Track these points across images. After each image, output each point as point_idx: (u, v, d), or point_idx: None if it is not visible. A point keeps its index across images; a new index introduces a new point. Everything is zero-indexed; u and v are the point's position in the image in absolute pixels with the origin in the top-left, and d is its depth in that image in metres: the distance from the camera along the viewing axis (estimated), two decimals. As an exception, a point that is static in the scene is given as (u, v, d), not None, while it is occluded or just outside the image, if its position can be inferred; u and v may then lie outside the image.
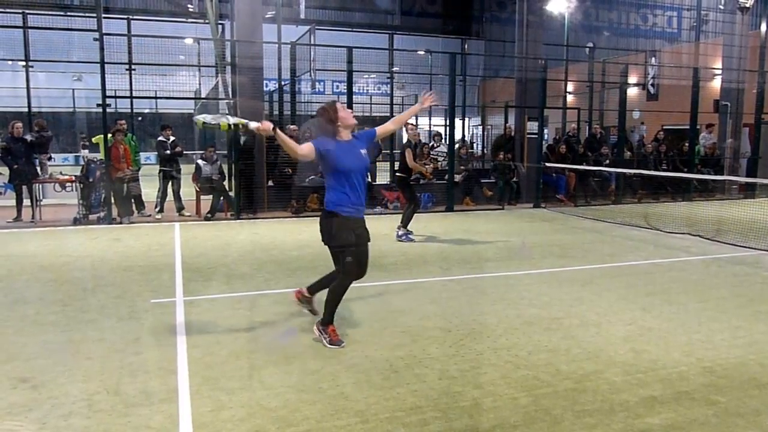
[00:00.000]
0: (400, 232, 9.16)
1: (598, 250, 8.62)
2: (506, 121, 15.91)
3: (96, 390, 3.70)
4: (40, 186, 11.20)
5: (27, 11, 14.77)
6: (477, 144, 26.01)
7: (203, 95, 18.19)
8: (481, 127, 26.56)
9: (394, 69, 19.95)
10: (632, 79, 18.38)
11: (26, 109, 15.16)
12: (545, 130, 15.90)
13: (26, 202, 10.68)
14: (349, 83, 12.36)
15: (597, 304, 5.69)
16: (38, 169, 11.48)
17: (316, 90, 19.48)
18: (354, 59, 12.28)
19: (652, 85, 19.20)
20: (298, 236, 9.40)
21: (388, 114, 17.51)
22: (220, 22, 14.72)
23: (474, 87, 29.81)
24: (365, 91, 25.70)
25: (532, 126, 14.11)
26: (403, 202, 12.62)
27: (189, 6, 26.45)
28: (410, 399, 3.61)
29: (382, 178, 14.07)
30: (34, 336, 4.73)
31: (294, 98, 14.73)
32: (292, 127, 12.50)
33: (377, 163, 13.86)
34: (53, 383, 3.80)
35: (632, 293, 6.06)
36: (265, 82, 12.98)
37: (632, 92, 19.15)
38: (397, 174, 9.81)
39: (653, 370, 4.07)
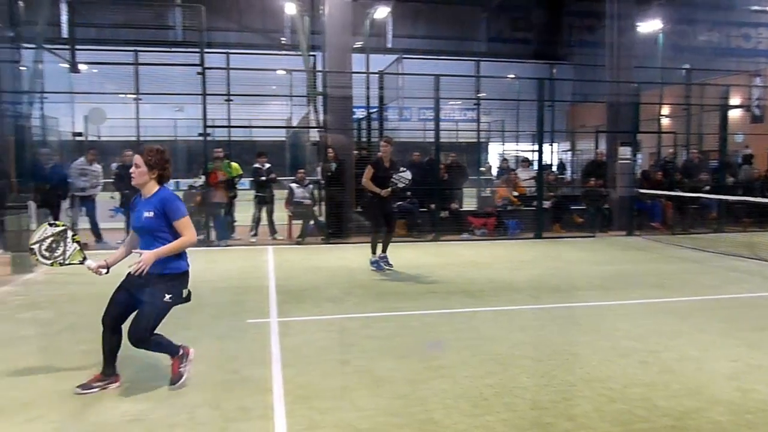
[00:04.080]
0: (372, 259, 8.64)
1: (698, 280, 8.19)
2: (596, 146, 15.50)
3: (198, 404, 3.91)
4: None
5: (138, 49, 16.00)
6: (566, 170, 25.42)
7: (294, 124, 18.91)
8: (570, 152, 25.97)
9: (481, 95, 19.95)
10: (734, 100, 17.46)
11: (135, 139, 16.33)
12: (638, 156, 15.34)
13: (134, 224, 11.42)
14: (437, 111, 12.49)
15: (697, 338, 5.41)
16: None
17: (403, 117, 19.80)
18: (440, 86, 12.42)
19: (758, 106, 18.14)
20: (385, 261, 9.53)
21: (475, 140, 17.50)
22: (311, 53, 15.32)
23: (562, 112, 29.27)
24: (451, 118, 25.80)
25: (625, 151, 13.67)
26: (490, 228, 12.60)
27: (282, 39, 27.75)
28: (500, 428, 3.58)
29: (468, 204, 14.03)
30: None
31: (381, 126, 15.04)
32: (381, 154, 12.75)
33: (463, 189, 13.85)
34: (158, 395, 4.05)
35: (737, 328, 5.72)
36: (353, 110, 13.36)
37: (734, 114, 18.17)
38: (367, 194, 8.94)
39: (763, 410, 3.83)
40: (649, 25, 18.51)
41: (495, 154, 24.14)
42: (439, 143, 12.62)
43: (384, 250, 8.70)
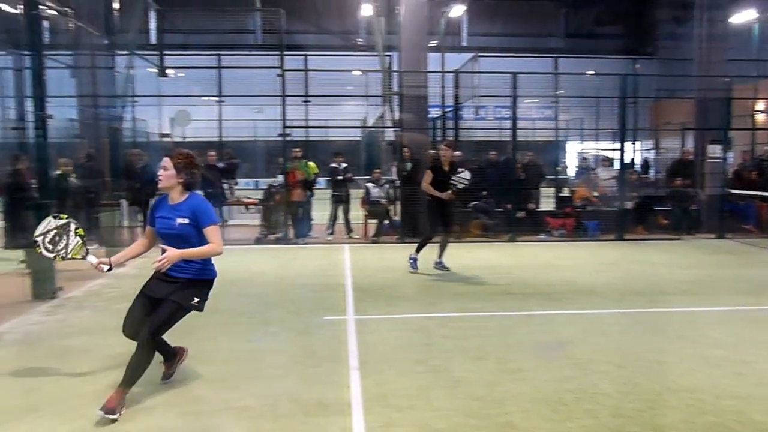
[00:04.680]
0: (413, 256, 8.56)
1: (798, 287, 7.67)
2: (683, 144, 14.78)
3: (279, 397, 4.02)
4: (228, 208, 12.43)
5: (221, 53, 16.66)
6: (650, 169, 24.38)
7: (370, 123, 19.10)
8: (654, 150, 24.89)
9: (559, 92, 19.48)
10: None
11: (217, 139, 16.98)
12: (729, 154, 14.50)
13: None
14: (514, 109, 12.29)
15: (798, 348, 5.07)
16: (227, 193, 12.76)
17: (479, 116, 19.59)
18: (517, 84, 12.20)
19: None
20: (461, 261, 9.45)
21: (553, 138, 17.09)
22: (387, 53, 15.42)
23: (645, 108, 28.08)
24: (528, 116, 25.30)
25: (714, 149, 12.96)
26: (569, 229, 12.27)
27: (358, 40, 28.08)
28: (582, 434, 3.49)
29: (546, 204, 13.71)
30: (225, 343, 5.26)
31: (457, 125, 14.94)
32: (457, 153, 12.69)
33: (540, 189, 13.56)
34: (242, 387, 4.19)
35: (843, 339, 5.31)
36: (428, 109, 13.34)
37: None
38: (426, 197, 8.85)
39: None
40: (743, 16, 17.44)
41: (573, 152, 23.48)
42: (516, 142, 12.41)
43: (440, 255, 8.65)
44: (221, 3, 16.53)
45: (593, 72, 22.01)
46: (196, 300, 3.95)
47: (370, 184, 12.09)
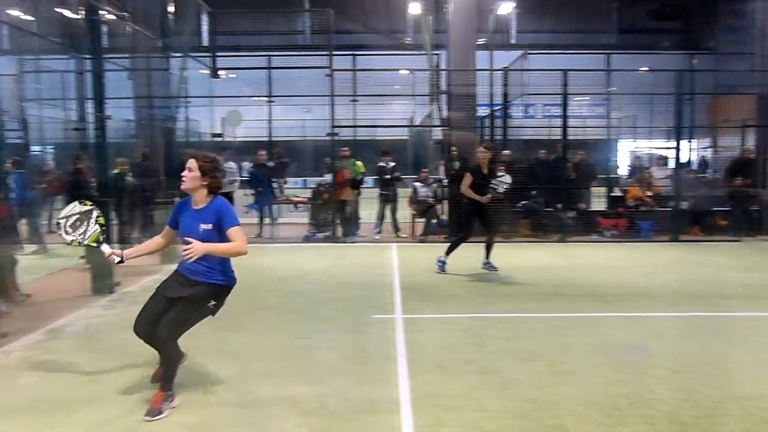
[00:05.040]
0: (441, 258, 8.50)
1: None
2: (743, 142, 14.21)
3: (328, 393, 4.06)
4: (278, 206, 12.62)
5: (270, 54, 16.89)
6: (708, 168, 23.55)
7: (417, 122, 19.06)
8: (711, 148, 24.02)
9: (611, 89, 19.02)
10: None
11: (266, 139, 17.24)
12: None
13: (266, 220, 12.12)
14: (564, 107, 12.06)
15: None
16: (276, 191, 12.95)
17: (528, 114, 19.31)
18: (568, 81, 11.97)
19: None
20: (510, 261, 9.34)
21: (605, 136, 16.72)
22: (435, 52, 15.36)
23: (702, 105, 27.12)
24: (579, 114, 24.79)
25: (778, 147, 12.43)
26: (621, 229, 11.96)
27: (406, 39, 28.07)
28: (637, 440, 3.39)
29: (597, 204, 13.40)
30: (274, 339, 5.35)
31: (505, 123, 14.77)
32: (505, 152, 12.56)
33: (591, 188, 13.27)
34: (293, 383, 4.24)
35: None
36: (476, 107, 13.23)
37: None
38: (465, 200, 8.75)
39: None
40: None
41: (626, 151, 22.88)
42: (567, 140, 12.18)
43: (487, 255, 8.58)
44: (272, 5, 16.76)
45: (647, 68, 21.40)
46: (212, 303, 3.87)
47: (417, 184, 12.08)
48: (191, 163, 3.79)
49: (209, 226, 3.75)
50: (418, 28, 20.66)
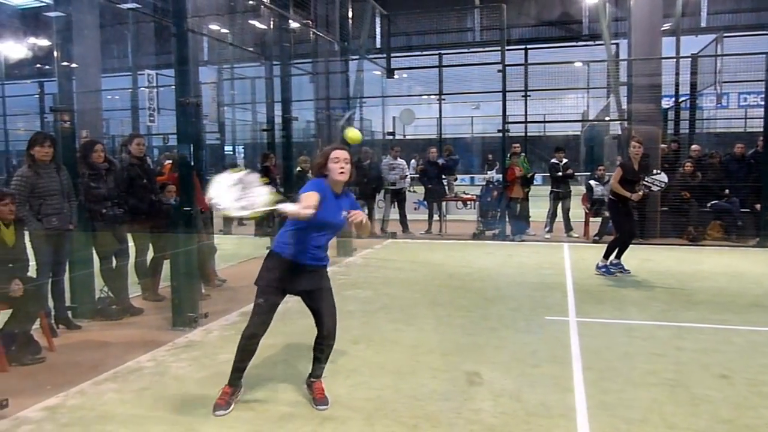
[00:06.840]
0: (600, 264, 7.95)
1: None
2: None
3: (500, 392, 4.04)
4: (446, 203, 12.76)
5: (442, 52, 17.08)
6: None
7: (591, 117, 18.16)
8: None
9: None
10: None
11: (435, 136, 17.51)
12: None
13: (435, 217, 12.31)
14: (767, 95, 10.74)
15: None
16: (446, 188, 13.09)
17: (721, 104, 17.47)
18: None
19: None
20: (697, 266, 8.58)
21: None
22: (613, 42, 14.51)
23: None
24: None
25: None
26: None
27: (581, 30, 26.79)
28: None
29: None
30: (447, 335, 5.42)
31: (694, 115, 13.52)
32: (694, 147, 11.55)
33: None
34: (462, 380, 4.28)
35: None
36: (661, 99, 12.26)
37: None
38: (609, 197, 8.08)
39: None
40: None
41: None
42: (769, 133, 10.83)
43: (618, 256, 7.98)
44: (444, 3, 16.94)
45: None
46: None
47: (593, 182, 11.48)
48: (347, 155, 3.76)
49: (346, 213, 3.76)
50: (595, 16, 19.62)
